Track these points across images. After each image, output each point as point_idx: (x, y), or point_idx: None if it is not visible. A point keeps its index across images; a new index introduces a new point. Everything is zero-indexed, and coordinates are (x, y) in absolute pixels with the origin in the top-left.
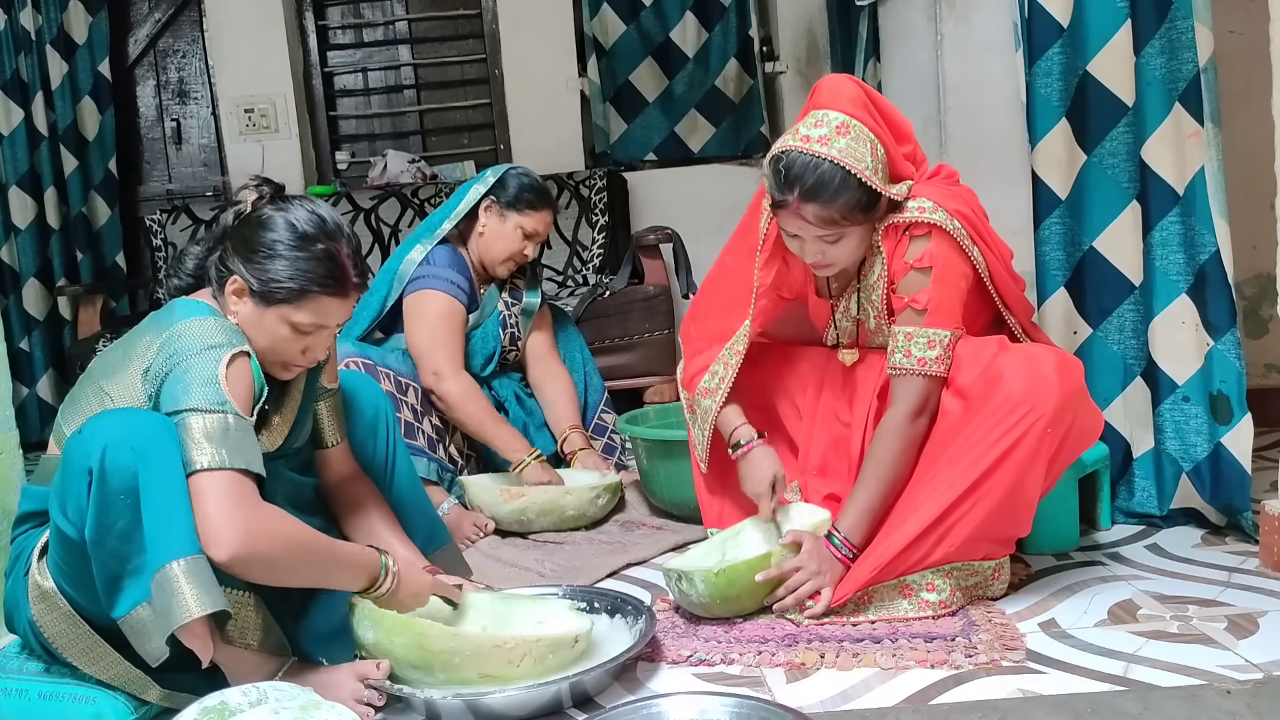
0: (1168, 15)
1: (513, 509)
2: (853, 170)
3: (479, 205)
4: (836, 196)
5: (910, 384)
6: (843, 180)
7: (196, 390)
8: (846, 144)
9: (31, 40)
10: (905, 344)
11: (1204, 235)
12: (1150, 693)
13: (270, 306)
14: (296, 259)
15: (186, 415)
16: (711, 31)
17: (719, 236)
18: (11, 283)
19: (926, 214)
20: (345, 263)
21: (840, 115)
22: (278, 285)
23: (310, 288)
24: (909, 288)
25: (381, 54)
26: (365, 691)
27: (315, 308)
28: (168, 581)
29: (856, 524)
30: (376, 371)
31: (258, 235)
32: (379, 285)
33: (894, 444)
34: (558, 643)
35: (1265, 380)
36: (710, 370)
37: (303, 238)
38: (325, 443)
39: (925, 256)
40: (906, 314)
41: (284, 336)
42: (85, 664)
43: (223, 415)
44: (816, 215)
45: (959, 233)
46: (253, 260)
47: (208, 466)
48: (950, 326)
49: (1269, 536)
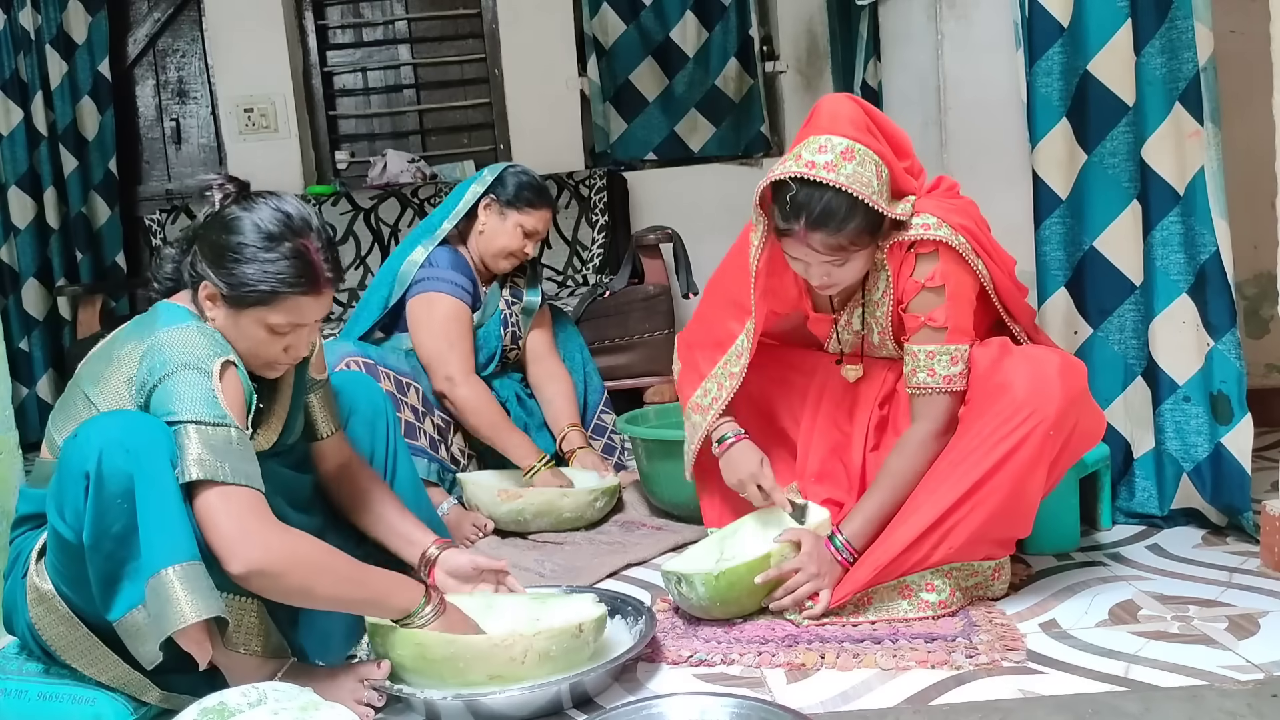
0: (1168, 15)
1: (510, 509)
2: (860, 197)
3: (478, 204)
4: (845, 224)
5: (935, 402)
6: (849, 208)
7: (194, 405)
8: (853, 169)
9: (31, 40)
10: (928, 362)
11: (1204, 235)
12: (1151, 693)
13: (244, 310)
14: (265, 261)
15: (187, 426)
16: (711, 31)
17: (719, 236)
18: (11, 283)
19: (932, 231)
20: (316, 259)
21: (844, 140)
22: (248, 290)
23: (280, 289)
24: (923, 307)
25: (381, 54)
26: (365, 691)
27: (289, 308)
28: (162, 587)
29: (861, 530)
30: (377, 371)
31: (224, 239)
32: (379, 285)
33: (915, 459)
34: (559, 634)
35: (1266, 380)
36: (703, 387)
37: (269, 238)
38: (319, 434)
39: (936, 275)
40: (924, 333)
41: (262, 339)
42: (84, 666)
43: (225, 429)
44: (824, 243)
45: (964, 248)
46: (221, 265)
47: (210, 478)
48: (967, 341)
49: (1270, 537)
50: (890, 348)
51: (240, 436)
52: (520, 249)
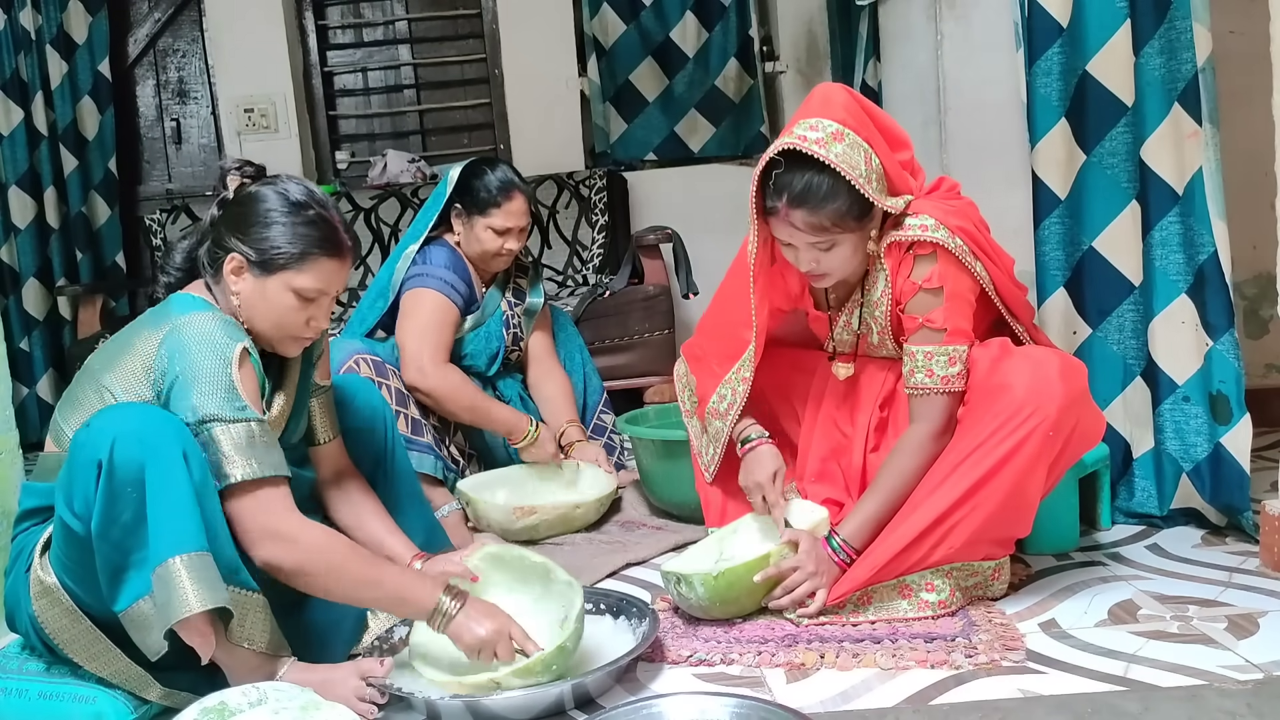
0: (1167, 15)
1: (525, 525)
2: (844, 175)
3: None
4: (825, 203)
5: (934, 403)
6: (831, 187)
7: (215, 398)
8: (842, 150)
9: (31, 40)
10: (926, 363)
11: (1203, 235)
12: (1150, 693)
13: (272, 275)
14: (293, 224)
15: (212, 426)
16: (711, 31)
17: (719, 236)
18: (11, 283)
19: (929, 232)
20: (339, 226)
21: (835, 124)
22: (278, 251)
23: (311, 250)
24: (920, 308)
25: (381, 54)
26: (366, 690)
27: (317, 271)
28: (169, 576)
29: (859, 531)
30: (385, 369)
31: (251, 209)
32: (380, 284)
33: (914, 460)
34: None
35: (1265, 380)
36: (719, 393)
37: (296, 205)
38: (318, 439)
39: (934, 277)
40: (922, 333)
41: (289, 306)
42: (86, 660)
43: (246, 424)
44: (805, 221)
45: (961, 250)
46: (249, 232)
47: (242, 479)
48: (966, 341)
49: (1269, 536)
50: (890, 347)
51: (262, 428)
52: (499, 249)
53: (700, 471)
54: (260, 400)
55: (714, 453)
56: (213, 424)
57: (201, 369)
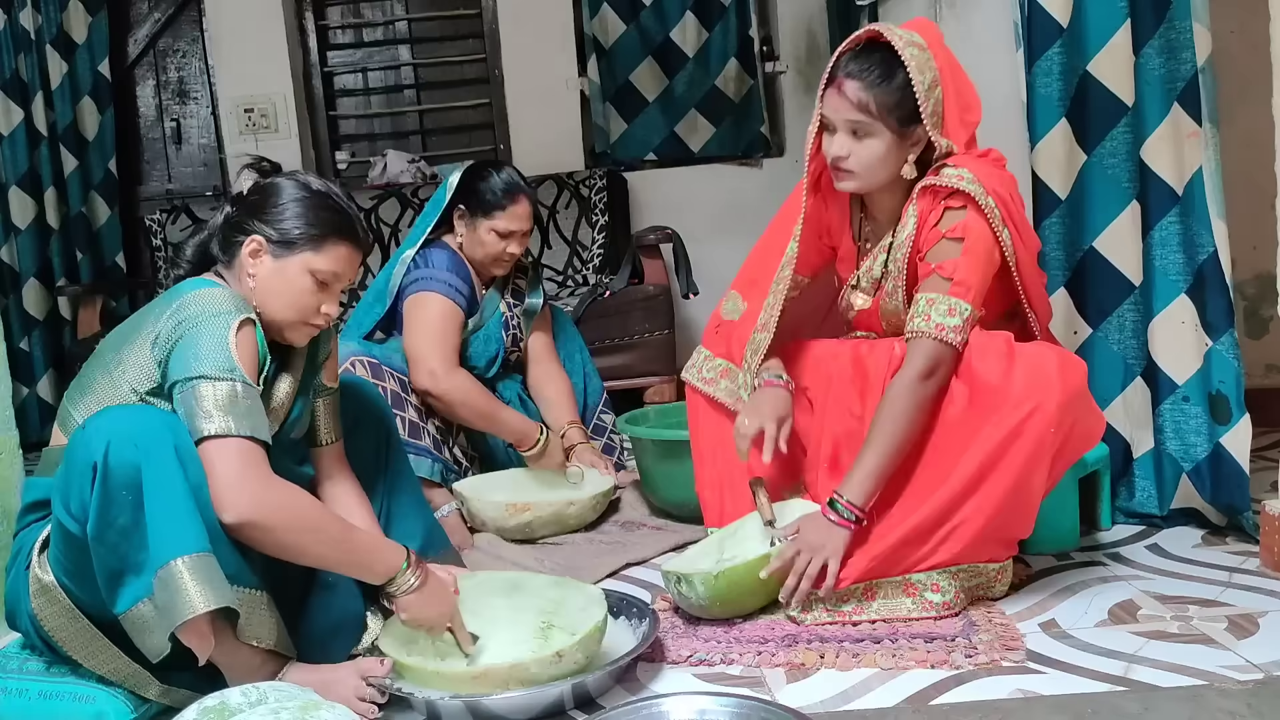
0: (1167, 15)
1: (519, 522)
2: (909, 73)
3: (453, 213)
4: (879, 85)
5: (923, 346)
6: (889, 75)
7: (207, 356)
8: (918, 56)
9: (31, 40)
10: (926, 309)
11: (1202, 235)
12: (1151, 693)
13: (292, 255)
14: (315, 208)
15: (197, 383)
16: (711, 31)
17: (719, 236)
18: (11, 283)
19: (965, 183)
20: (355, 216)
21: (922, 40)
22: (299, 232)
23: (330, 233)
24: (939, 255)
25: (381, 54)
26: (367, 690)
27: (334, 254)
28: (171, 578)
29: (860, 487)
30: (382, 371)
31: (273, 195)
32: (379, 287)
33: (900, 404)
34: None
35: (1266, 380)
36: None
37: (317, 192)
38: (319, 440)
39: (958, 228)
40: (932, 280)
41: (305, 288)
42: (85, 659)
43: (231, 383)
44: (855, 94)
45: (991, 211)
46: (270, 214)
47: (215, 433)
48: (971, 300)
49: (1269, 536)
50: (900, 299)
51: (247, 389)
52: (501, 252)
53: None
54: (256, 372)
55: (754, 361)
56: (199, 380)
57: (201, 332)
